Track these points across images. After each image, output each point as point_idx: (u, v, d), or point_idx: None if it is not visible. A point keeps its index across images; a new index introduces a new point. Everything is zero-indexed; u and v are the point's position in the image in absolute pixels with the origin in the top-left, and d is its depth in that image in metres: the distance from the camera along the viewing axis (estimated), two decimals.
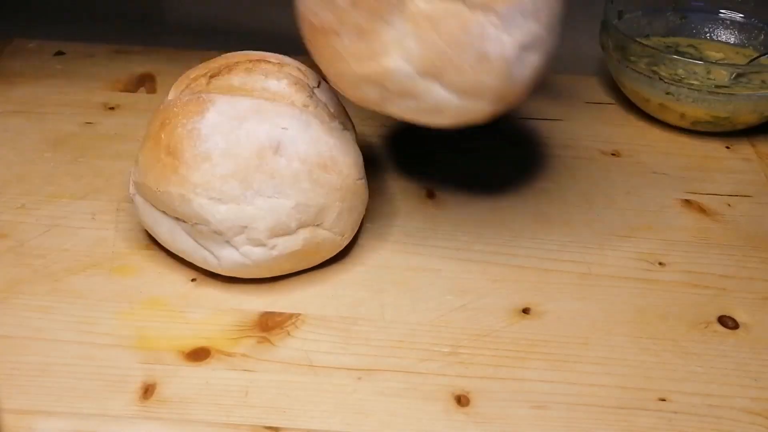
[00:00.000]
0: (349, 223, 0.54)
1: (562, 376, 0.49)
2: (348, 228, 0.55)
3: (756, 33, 0.79)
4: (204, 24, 0.89)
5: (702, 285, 0.56)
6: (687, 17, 0.81)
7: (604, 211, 0.63)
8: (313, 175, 0.51)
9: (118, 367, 0.48)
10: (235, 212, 0.50)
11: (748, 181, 0.67)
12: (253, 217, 0.50)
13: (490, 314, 0.53)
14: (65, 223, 0.58)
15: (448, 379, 0.48)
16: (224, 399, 0.46)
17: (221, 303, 0.52)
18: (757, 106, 0.70)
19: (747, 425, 0.46)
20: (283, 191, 0.50)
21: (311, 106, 0.53)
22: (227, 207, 0.50)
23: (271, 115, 0.51)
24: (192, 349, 0.49)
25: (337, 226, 0.53)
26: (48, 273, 0.54)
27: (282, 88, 0.53)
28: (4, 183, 0.62)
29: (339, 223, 0.53)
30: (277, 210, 0.50)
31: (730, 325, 0.53)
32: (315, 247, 0.53)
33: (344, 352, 0.50)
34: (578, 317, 0.53)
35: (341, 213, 0.53)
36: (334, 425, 0.45)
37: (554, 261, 0.57)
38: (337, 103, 0.57)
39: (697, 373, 0.50)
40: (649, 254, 0.59)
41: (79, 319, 0.51)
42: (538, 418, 0.46)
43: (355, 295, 0.54)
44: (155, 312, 0.52)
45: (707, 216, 0.63)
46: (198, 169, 0.50)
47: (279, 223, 0.51)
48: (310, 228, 0.52)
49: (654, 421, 0.46)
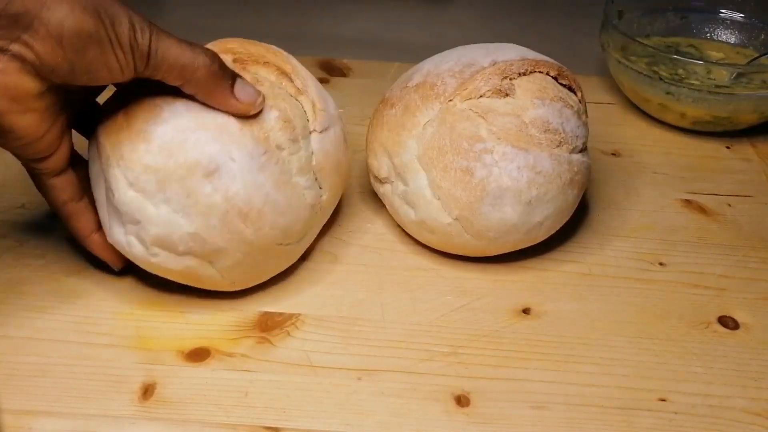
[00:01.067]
0: (248, 275, 0.52)
1: (562, 376, 0.49)
2: (242, 279, 0.51)
3: (756, 33, 0.79)
4: (204, 24, 0.89)
5: (702, 285, 0.56)
6: (687, 17, 0.81)
7: (604, 210, 0.63)
8: (227, 217, 0.48)
9: (118, 368, 0.48)
10: (138, 203, 0.47)
11: (749, 181, 0.67)
12: (150, 218, 0.47)
13: (490, 314, 0.53)
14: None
15: (448, 379, 0.48)
16: (224, 399, 0.46)
17: (221, 303, 0.52)
18: (758, 106, 0.70)
19: (747, 426, 0.46)
20: (189, 214, 0.47)
21: (286, 150, 0.50)
22: (134, 195, 0.47)
23: (230, 140, 0.48)
24: (192, 350, 0.49)
25: (229, 273, 0.50)
26: (47, 273, 0.54)
27: (269, 117, 0.50)
28: (4, 183, 0.62)
29: (232, 271, 0.50)
30: (173, 227, 0.47)
31: (731, 325, 0.53)
32: (196, 277, 0.50)
33: (344, 353, 0.49)
34: (578, 317, 0.53)
35: (239, 264, 0.50)
36: (334, 425, 0.45)
37: (554, 261, 0.57)
38: (333, 161, 0.54)
39: (697, 373, 0.50)
40: (650, 254, 0.58)
41: (78, 320, 0.51)
42: (538, 418, 0.46)
43: (355, 295, 0.54)
44: (155, 312, 0.51)
45: (707, 216, 0.63)
46: (133, 144, 0.47)
47: (169, 239, 0.48)
48: (199, 260, 0.49)
49: (654, 421, 0.46)
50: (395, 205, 0.57)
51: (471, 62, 0.56)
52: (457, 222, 0.53)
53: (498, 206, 0.53)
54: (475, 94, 0.54)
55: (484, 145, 0.53)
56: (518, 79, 0.55)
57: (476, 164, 0.53)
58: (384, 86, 0.63)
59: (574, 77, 0.58)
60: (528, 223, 0.54)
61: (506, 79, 0.55)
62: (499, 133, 0.53)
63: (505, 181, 0.53)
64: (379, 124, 0.58)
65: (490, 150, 0.53)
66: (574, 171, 0.55)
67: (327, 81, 0.77)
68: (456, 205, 0.53)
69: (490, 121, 0.54)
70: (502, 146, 0.53)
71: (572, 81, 0.58)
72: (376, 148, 0.57)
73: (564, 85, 0.57)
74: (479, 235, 0.54)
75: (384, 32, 0.91)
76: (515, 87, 0.55)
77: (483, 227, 0.53)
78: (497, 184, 0.53)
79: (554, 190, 0.54)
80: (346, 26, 0.91)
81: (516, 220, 0.53)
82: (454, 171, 0.53)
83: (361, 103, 0.72)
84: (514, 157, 0.53)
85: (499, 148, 0.53)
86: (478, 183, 0.53)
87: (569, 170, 0.55)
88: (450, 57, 0.58)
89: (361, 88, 0.76)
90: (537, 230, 0.55)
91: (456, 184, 0.53)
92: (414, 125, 0.55)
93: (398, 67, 0.78)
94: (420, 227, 0.55)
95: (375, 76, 0.78)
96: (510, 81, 0.55)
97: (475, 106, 0.54)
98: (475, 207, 0.53)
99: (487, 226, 0.53)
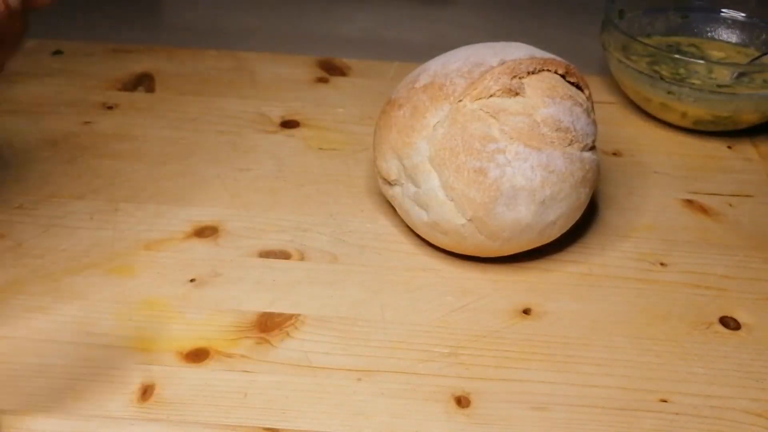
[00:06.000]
0: None
1: (562, 377, 0.49)
2: None
3: (758, 32, 0.79)
4: (203, 23, 0.89)
5: (703, 285, 0.56)
6: (688, 16, 0.80)
7: (605, 211, 0.62)
8: None
9: (117, 368, 0.48)
10: None
11: (750, 180, 0.67)
12: None
13: (490, 315, 0.53)
14: (63, 223, 0.58)
15: (448, 380, 0.48)
16: (223, 400, 0.46)
17: (220, 303, 0.52)
18: (759, 106, 0.69)
19: (748, 426, 0.46)
20: None
21: None
22: None
23: None
24: (191, 350, 0.49)
25: None
26: (46, 273, 0.54)
27: None
28: (2, 183, 0.61)
29: None
30: None
31: (732, 325, 0.53)
32: None
33: (344, 353, 0.49)
34: (579, 318, 0.53)
35: None
36: (334, 426, 0.45)
37: (555, 261, 0.57)
38: None
39: (699, 374, 0.49)
40: (651, 254, 0.58)
41: (77, 320, 0.51)
42: (538, 419, 0.46)
43: (355, 295, 0.54)
44: (154, 312, 0.51)
45: (709, 216, 0.63)
46: None
47: None
48: None
49: (655, 422, 0.46)
50: (406, 207, 0.57)
51: (479, 62, 0.56)
52: (471, 223, 0.53)
53: (512, 206, 0.53)
54: (485, 93, 0.54)
55: (497, 145, 0.53)
56: (527, 78, 0.55)
57: (489, 164, 0.53)
58: (384, 86, 0.63)
59: (582, 75, 0.58)
60: (542, 222, 0.54)
61: (516, 78, 0.55)
62: (512, 133, 0.53)
63: (519, 180, 0.52)
64: (386, 125, 0.58)
65: (503, 150, 0.53)
66: (586, 169, 0.55)
67: (327, 81, 0.77)
68: (470, 206, 0.53)
69: (501, 121, 0.53)
70: (514, 146, 0.53)
71: (580, 79, 0.58)
72: (385, 150, 0.57)
73: (572, 83, 0.57)
74: (493, 235, 0.54)
75: (384, 31, 0.90)
76: (525, 86, 0.55)
77: (497, 228, 0.53)
78: (511, 184, 0.52)
79: (567, 189, 0.54)
80: (346, 26, 0.91)
81: (530, 220, 0.53)
82: (467, 172, 0.53)
83: (361, 103, 0.72)
84: (528, 157, 0.53)
85: (512, 148, 0.53)
86: (491, 183, 0.52)
87: (581, 168, 0.55)
88: (457, 57, 0.57)
89: (361, 88, 0.76)
90: (550, 229, 0.55)
91: (470, 185, 0.53)
92: (424, 126, 0.55)
93: (398, 67, 0.78)
94: (432, 229, 0.55)
95: (375, 76, 0.78)
96: (519, 80, 0.55)
97: (486, 105, 0.54)
98: (489, 207, 0.53)
99: (502, 226, 0.53)
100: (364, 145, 0.67)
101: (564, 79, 0.57)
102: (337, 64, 0.80)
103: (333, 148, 0.68)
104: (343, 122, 0.71)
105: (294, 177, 0.64)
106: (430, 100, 0.55)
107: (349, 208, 0.61)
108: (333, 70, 0.79)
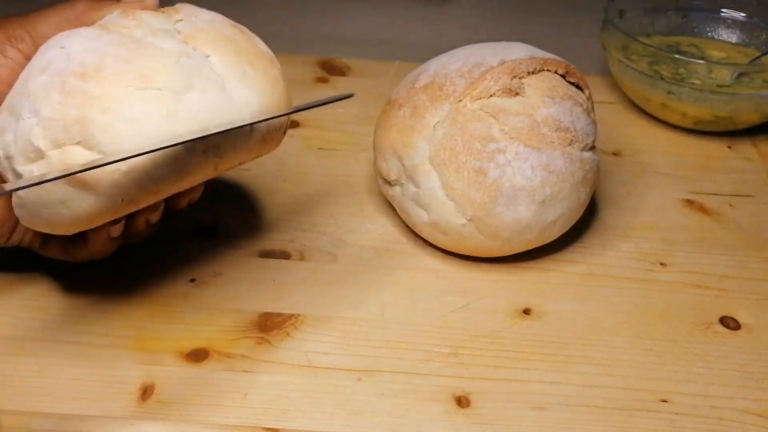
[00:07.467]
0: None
1: (563, 376, 0.49)
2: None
3: (758, 32, 0.79)
4: None
5: (703, 285, 0.56)
6: (688, 16, 0.80)
7: (605, 211, 0.62)
8: (66, 86, 0.41)
9: (117, 368, 0.48)
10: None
11: (750, 180, 0.67)
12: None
13: (490, 315, 0.53)
14: None
15: (448, 380, 0.48)
16: (223, 400, 0.46)
17: (220, 303, 0.52)
18: (759, 106, 0.69)
19: (748, 426, 0.46)
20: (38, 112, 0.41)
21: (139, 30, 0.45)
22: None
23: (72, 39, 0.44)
24: (191, 350, 0.49)
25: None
26: (47, 273, 0.54)
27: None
28: None
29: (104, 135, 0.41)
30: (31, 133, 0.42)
31: (732, 325, 0.53)
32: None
33: (344, 353, 0.49)
34: (579, 318, 0.53)
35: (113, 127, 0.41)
36: (334, 426, 0.45)
37: (555, 261, 0.57)
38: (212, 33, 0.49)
39: (699, 374, 0.49)
40: (651, 254, 0.58)
41: (77, 320, 0.50)
42: (538, 419, 0.46)
43: (355, 295, 0.54)
44: (154, 312, 0.51)
45: (709, 216, 0.63)
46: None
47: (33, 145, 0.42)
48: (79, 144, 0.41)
49: (655, 422, 0.46)
50: (406, 207, 0.57)
51: (479, 62, 0.56)
52: (471, 223, 0.53)
53: (512, 206, 0.53)
54: (485, 93, 0.54)
55: (497, 145, 0.53)
56: (527, 78, 0.55)
57: (489, 164, 0.53)
58: (384, 85, 0.63)
59: (582, 75, 0.58)
60: (542, 222, 0.54)
61: (516, 78, 0.55)
62: (512, 133, 0.53)
63: (519, 180, 0.52)
64: (386, 126, 0.58)
65: (503, 150, 0.53)
66: (586, 169, 0.55)
67: (327, 80, 0.77)
68: (470, 206, 0.53)
69: (501, 121, 0.53)
70: (514, 146, 0.53)
71: (580, 79, 0.58)
72: (385, 151, 0.57)
73: (572, 83, 0.57)
74: (493, 235, 0.54)
75: (384, 31, 0.90)
76: (525, 86, 0.55)
77: (497, 227, 0.53)
78: (511, 184, 0.52)
79: (567, 189, 0.54)
80: (346, 25, 0.91)
81: (530, 220, 0.53)
82: (467, 172, 0.53)
83: (361, 103, 0.72)
84: (528, 157, 0.53)
85: (512, 148, 0.53)
86: (492, 183, 0.52)
87: (581, 168, 0.55)
88: (457, 57, 0.57)
89: (361, 88, 0.76)
90: (551, 229, 0.55)
91: (470, 185, 0.53)
92: (424, 126, 0.55)
93: (398, 66, 0.78)
94: (433, 229, 0.55)
95: (375, 76, 0.78)
96: (519, 80, 0.55)
97: (486, 105, 0.54)
98: (489, 207, 0.53)
99: (502, 226, 0.53)
100: (364, 145, 0.67)
101: (564, 79, 0.57)
102: (337, 64, 0.80)
103: (333, 148, 0.68)
104: (343, 122, 0.71)
105: (294, 177, 0.64)
106: (430, 100, 0.55)
107: (349, 208, 0.61)
108: (333, 70, 0.79)
